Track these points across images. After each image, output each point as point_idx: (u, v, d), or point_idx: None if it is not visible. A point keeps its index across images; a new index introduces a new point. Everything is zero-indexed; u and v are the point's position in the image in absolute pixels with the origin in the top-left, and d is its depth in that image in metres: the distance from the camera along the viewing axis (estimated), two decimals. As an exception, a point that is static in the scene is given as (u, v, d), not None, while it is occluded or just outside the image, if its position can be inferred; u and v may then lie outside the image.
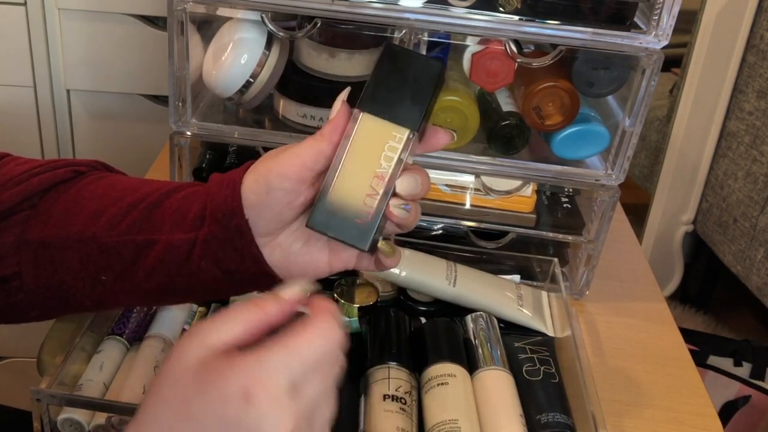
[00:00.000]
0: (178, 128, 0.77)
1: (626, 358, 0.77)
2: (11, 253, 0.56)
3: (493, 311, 0.72)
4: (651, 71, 0.71)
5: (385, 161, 0.52)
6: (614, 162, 0.77)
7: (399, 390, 0.60)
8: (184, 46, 0.73)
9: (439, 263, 0.76)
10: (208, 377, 0.40)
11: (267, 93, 0.77)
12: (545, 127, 0.76)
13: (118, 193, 0.57)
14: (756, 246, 1.41)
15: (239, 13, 0.73)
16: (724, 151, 1.49)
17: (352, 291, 0.71)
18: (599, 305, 0.84)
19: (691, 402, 0.72)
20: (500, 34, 0.72)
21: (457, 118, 0.77)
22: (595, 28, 0.70)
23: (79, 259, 0.56)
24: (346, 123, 0.53)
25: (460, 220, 0.83)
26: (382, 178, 0.52)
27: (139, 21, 1.17)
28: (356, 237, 0.52)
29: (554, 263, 0.80)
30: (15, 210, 0.57)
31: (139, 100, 1.24)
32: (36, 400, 0.58)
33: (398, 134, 0.52)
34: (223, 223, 0.54)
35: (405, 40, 0.71)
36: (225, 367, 0.40)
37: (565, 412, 0.62)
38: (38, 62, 1.19)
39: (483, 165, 0.78)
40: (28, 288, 0.57)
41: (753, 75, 1.41)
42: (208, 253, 0.54)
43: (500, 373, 0.64)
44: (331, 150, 0.52)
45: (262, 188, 0.53)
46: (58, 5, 1.15)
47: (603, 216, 0.79)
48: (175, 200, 0.56)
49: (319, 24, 0.72)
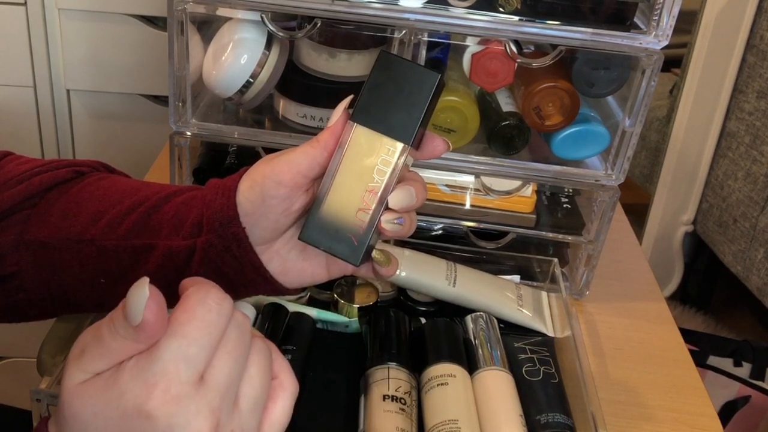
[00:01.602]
0: (178, 128, 0.77)
1: (626, 358, 0.77)
2: (11, 252, 0.56)
3: (493, 311, 0.72)
4: (651, 71, 0.71)
5: (378, 175, 0.51)
6: (614, 162, 0.77)
7: (399, 390, 0.60)
8: (184, 46, 0.73)
9: (439, 263, 0.76)
10: (97, 404, 0.36)
11: (267, 93, 0.77)
12: (545, 127, 0.76)
13: (117, 195, 0.57)
14: (756, 246, 1.41)
15: (239, 13, 0.73)
16: (724, 151, 1.49)
17: (352, 291, 0.71)
18: (599, 305, 0.84)
19: (691, 402, 0.72)
20: (500, 34, 0.72)
21: (457, 118, 0.77)
22: (594, 28, 0.70)
23: (78, 261, 0.56)
24: (343, 130, 0.52)
25: (459, 220, 0.83)
26: (374, 193, 0.51)
27: (139, 21, 1.17)
28: (348, 252, 0.52)
29: (554, 263, 0.80)
30: (15, 209, 0.57)
31: (139, 100, 1.24)
32: (36, 400, 0.58)
33: (391, 148, 0.51)
34: (220, 231, 0.53)
35: (405, 41, 0.71)
36: (110, 385, 0.35)
37: (565, 413, 0.62)
38: (38, 62, 1.19)
39: (483, 165, 0.78)
40: (27, 287, 0.57)
41: (753, 75, 1.41)
42: (207, 261, 0.54)
43: (500, 373, 0.64)
44: (326, 158, 0.52)
45: (257, 196, 0.52)
46: (58, 5, 1.15)
47: (603, 216, 0.79)
48: (174, 205, 0.56)
49: (319, 24, 0.72)
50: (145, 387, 0.35)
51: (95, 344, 0.36)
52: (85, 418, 0.36)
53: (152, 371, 0.35)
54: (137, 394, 0.35)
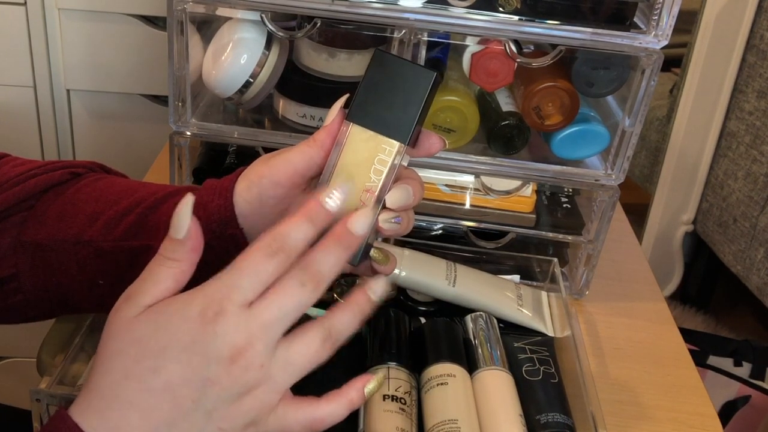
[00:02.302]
0: (178, 128, 0.77)
1: (626, 358, 0.77)
2: (8, 254, 0.56)
3: (492, 311, 0.72)
4: (651, 71, 0.71)
5: (375, 174, 0.51)
6: (614, 162, 0.77)
7: (399, 390, 0.60)
8: (184, 46, 0.73)
9: (439, 263, 0.75)
10: (161, 312, 0.42)
11: (267, 93, 0.77)
12: (545, 127, 0.76)
13: (114, 196, 0.57)
14: (756, 246, 1.41)
15: (239, 13, 0.73)
16: (724, 151, 1.49)
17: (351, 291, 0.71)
18: (599, 305, 0.84)
19: (691, 402, 0.72)
20: (500, 34, 0.71)
21: (456, 118, 0.77)
22: (594, 28, 0.70)
23: (75, 262, 0.56)
24: (339, 130, 0.52)
25: (459, 220, 0.83)
26: (371, 192, 0.51)
27: (139, 21, 1.17)
28: None
29: (554, 263, 0.80)
30: (12, 211, 0.57)
31: (139, 100, 1.24)
32: (36, 400, 0.58)
33: (388, 147, 0.50)
34: (218, 233, 0.53)
35: (405, 40, 0.71)
36: (162, 309, 0.42)
37: (565, 412, 0.62)
38: (38, 62, 1.19)
39: (483, 165, 0.78)
40: (25, 289, 0.57)
41: (753, 75, 1.41)
42: (204, 262, 0.54)
43: (500, 373, 0.64)
44: (323, 157, 0.51)
45: (254, 196, 0.52)
46: (58, 5, 1.15)
47: (603, 216, 0.79)
48: (171, 205, 0.56)
49: (319, 24, 0.72)
50: (201, 303, 0.42)
51: (144, 280, 0.43)
52: (144, 341, 0.42)
53: (205, 293, 0.42)
54: (191, 309, 0.42)
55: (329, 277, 0.45)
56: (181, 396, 0.41)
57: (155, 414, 0.41)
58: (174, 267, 0.44)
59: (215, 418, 0.42)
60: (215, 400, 0.42)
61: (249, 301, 0.43)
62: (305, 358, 0.44)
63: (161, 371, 0.41)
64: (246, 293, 0.43)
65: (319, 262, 0.44)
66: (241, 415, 0.43)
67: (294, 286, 0.43)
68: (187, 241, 0.44)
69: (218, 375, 0.42)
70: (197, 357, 0.41)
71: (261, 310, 0.42)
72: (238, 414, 0.43)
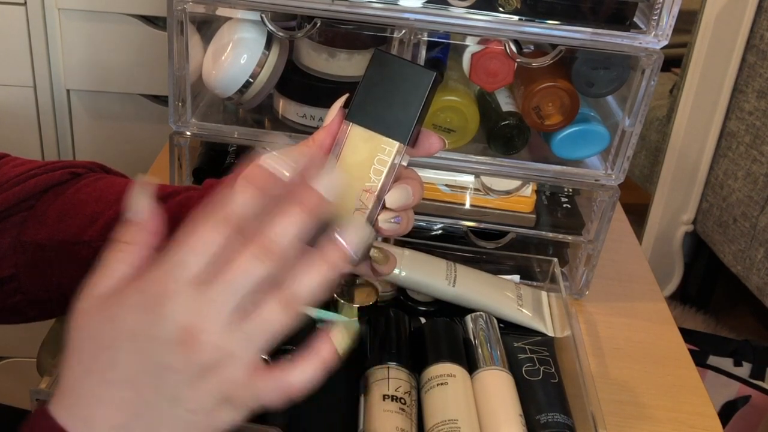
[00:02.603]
0: (178, 128, 0.77)
1: (626, 358, 0.77)
2: (8, 254, 0.56)
3: (492, 311, 0.72)
4: (651, 71, 0.71)
5: (375, 174, 0.50)
6: (614, 162, 0.77)
7: (398, 390, 0.60)
8: (184, 46, 0.73)
9: (439, 263, 0.75)
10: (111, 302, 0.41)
11: (267, 93, 0.77)
12: (545, 127, 0.76)
13: (113, 196, 0.57)
14: (756, 246, 1.41)
15: (239, 13, 0.73)
16: (724, 151, 1.49)
17: (351, 291, 0.71)
18: (599, 305, 0.84)
19: (691, 402, 0.72)
20: (500, 34, 0.71)
21: (456, 118, 0.77)
22: (594, 28, 0.70)
23: (75, 263, 0.56)
24: (338, 130, 0.51)
25: (459, 220, 0.83)
26: (371, 192, 0.51)
27: (139, 21, 1.17)
28: None
29: (554, 263, 0.80)
30: (12, 211, 0.57)
31: (139, 100, 1.24)
32: (36, 400, 0.58)
33: (388, 147, 0.50)
34: None
35: (405, 40, 0.71)
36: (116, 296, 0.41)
37: (565, 412, 0.62)
38: (38, 62, 1.19)
39: (483, 165, 0.78)
40: (25, 289, 0.57)
41: (753, 75, 1.41)
42: None
43: (500, 373, 0.64)
44: None
45: None
46: (58, 5, 1.15)
47: (603, 216, 0.79)
48: (171, 206, 0.56)
49: (319, 24, 0.72)
50: (145, 286, 0.41)
51: (98, 271, 0.43)
52: (97, 335, 0.41)
53: (150, 275, 0.41)
54: (137, 295, 0.41)
55: (287, 246, 0.41)
56: (141, 386, 0.40)
57: (121, 407, 0.40)
58: (127, 251, 0.42)
59: (181, 401, 0.41)
60: (175, 386, 0.40)
61: (197, 277, 0.40)
62: (265, 328, 0.41)
63: (117, 364, 0.40)
64: (191, 269, 0.40)
65: (275, 230, 0.41)
66: (208, 395, 0.41)
67: (246, 260, 0.40)
68: (142, 223, 0.42)
69: (172, 360, 0.40)
70: (148, 344, 0.40)
71: (209, 287, 0.40)
72: (203, 394, 0.41)
